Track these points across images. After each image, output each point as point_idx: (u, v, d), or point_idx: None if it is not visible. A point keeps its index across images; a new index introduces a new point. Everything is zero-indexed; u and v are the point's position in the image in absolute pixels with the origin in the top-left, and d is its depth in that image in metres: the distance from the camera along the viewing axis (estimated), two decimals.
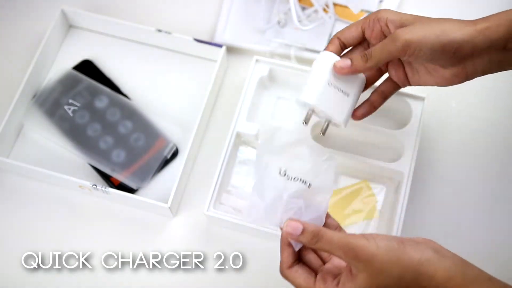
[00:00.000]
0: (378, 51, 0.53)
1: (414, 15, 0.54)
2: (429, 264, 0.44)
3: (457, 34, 0.50)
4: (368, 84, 0.60)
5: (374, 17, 0.55)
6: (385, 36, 0.55)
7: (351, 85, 0.58)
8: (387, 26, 0.54)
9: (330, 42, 0.58)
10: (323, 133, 0.59)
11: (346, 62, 0.55)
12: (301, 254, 0.52)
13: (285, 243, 0.50)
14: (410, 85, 0.59)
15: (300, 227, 0.47)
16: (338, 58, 0.56)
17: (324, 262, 0.52)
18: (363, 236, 0.46)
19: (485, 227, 0.69)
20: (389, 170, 0.67)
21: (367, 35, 0.57)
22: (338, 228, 0.53)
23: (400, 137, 0.68)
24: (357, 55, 0.55)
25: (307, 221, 0.49)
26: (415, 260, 0.44)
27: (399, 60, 0.58)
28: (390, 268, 0.44)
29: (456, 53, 0.50)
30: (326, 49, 0.58)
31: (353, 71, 0.55)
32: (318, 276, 0.49)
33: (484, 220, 0.69)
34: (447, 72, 0.54)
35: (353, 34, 0.57)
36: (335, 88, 0.56)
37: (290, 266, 0.50)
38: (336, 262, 0.51)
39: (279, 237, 0.64)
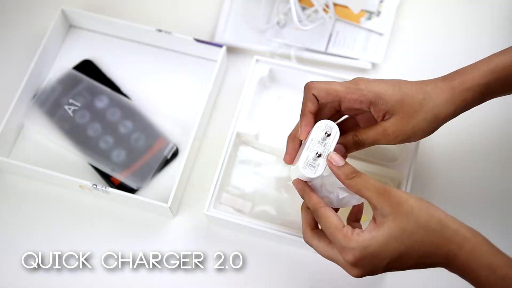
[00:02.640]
0: (371, 142, 0.55)
1: (390, 84, 0.53)
2: (453, 222, 0.47)
3: (442, 113, 0.52)
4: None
5: (357, 97, 0.53)
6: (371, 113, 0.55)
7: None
8: (369, 109, 0.55)
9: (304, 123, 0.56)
10: None
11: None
12: None
13: (310, 189, 0.53)
14: None
15: (343, 161, 0.51)
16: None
17: None
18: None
19: (486, 227, 0.68)
20: (389, 170, 0.67)
21: (351, 113, 0.58)
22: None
23: None
24: (350, 141, 0.55)
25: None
26: (442, 214, 0.47)
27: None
28: (417, 213, 0.47)
29: (443, 123, 0.54)
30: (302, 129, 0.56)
31: (345, 156, 0.56)
32: (347, 225, 0.50)
33: (484, 220, 0.69)
34: None
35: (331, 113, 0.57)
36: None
37: (323, 206, 0.52)
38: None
39: (279, 237, 0.64)
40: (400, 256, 0.47)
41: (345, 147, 0.56)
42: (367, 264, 0.48)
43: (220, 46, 0.73)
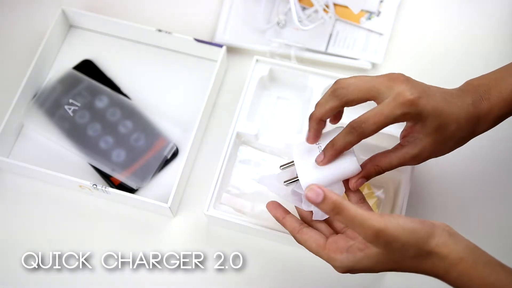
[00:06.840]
0: (394, 167, 0.54)
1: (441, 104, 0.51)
2: (444, 246, 0.46)
3: (464, 142, 0.54)
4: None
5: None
6: None
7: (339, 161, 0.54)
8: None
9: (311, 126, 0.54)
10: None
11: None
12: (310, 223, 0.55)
13: (284, 212, 0.54)
14: None
15: (322, 195, 0.45)
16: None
17: (336, 233, 0.53)
18: (383, 216, 0.46)
19: (486, 227, 0.68)
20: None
21: None
22: (361, 199, 0.54)
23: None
24: (372, 173, 0.54)
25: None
26: (432, 243, 0.46)
27: None
28: (407, 248, 0.46)
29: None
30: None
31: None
32: (330, 239, 0.51)
33: (485, 220, 0.69)
34: None
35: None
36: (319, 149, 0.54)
37: (299, 231, 0.52)
38: (350, 232, 0.52)
39: (279, 237, 0.64)
40: (390, 270, 0.49)
41: (366, 179, 0.55)
42: (356, 273, 0.50)
43: (220, 46, 0.73)
